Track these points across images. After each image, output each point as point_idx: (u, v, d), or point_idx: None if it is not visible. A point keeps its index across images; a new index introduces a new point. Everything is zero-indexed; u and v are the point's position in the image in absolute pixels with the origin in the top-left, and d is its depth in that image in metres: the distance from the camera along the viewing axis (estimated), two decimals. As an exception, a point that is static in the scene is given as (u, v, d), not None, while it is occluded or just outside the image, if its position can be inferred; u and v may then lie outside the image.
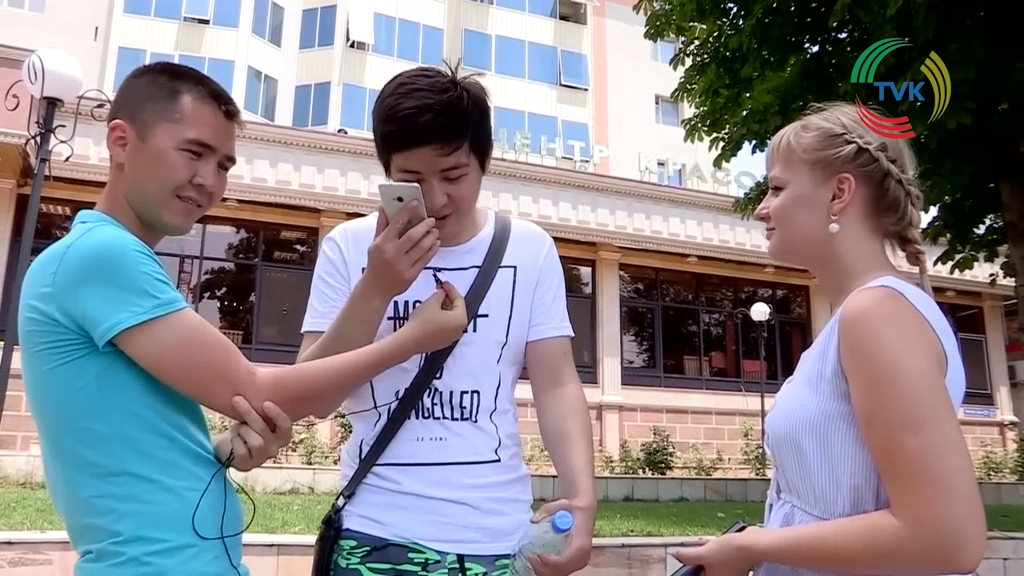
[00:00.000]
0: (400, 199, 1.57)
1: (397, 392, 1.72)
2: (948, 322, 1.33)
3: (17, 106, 9.47)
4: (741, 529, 1.41)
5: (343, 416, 13.49)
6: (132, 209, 1.54)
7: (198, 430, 1.50)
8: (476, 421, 1.73)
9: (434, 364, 1.72)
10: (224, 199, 17.43)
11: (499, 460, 1.74)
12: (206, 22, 27.60)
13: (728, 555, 1.37)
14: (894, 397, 1.23)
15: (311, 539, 1.76)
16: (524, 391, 1.82)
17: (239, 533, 1.51)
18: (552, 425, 1.82)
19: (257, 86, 28.37)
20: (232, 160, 1.62)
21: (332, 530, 1.70)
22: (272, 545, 5.70)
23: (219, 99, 1.58)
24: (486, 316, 1.77)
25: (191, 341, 1.41)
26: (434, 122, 1.60)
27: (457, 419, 1.72)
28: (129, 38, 26.61)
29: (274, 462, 12.49)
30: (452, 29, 30.71)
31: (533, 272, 1.84)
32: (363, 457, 1.73)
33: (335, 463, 13.19)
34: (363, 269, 1.70)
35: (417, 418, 1.71)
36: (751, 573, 1.41)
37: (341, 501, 1.73)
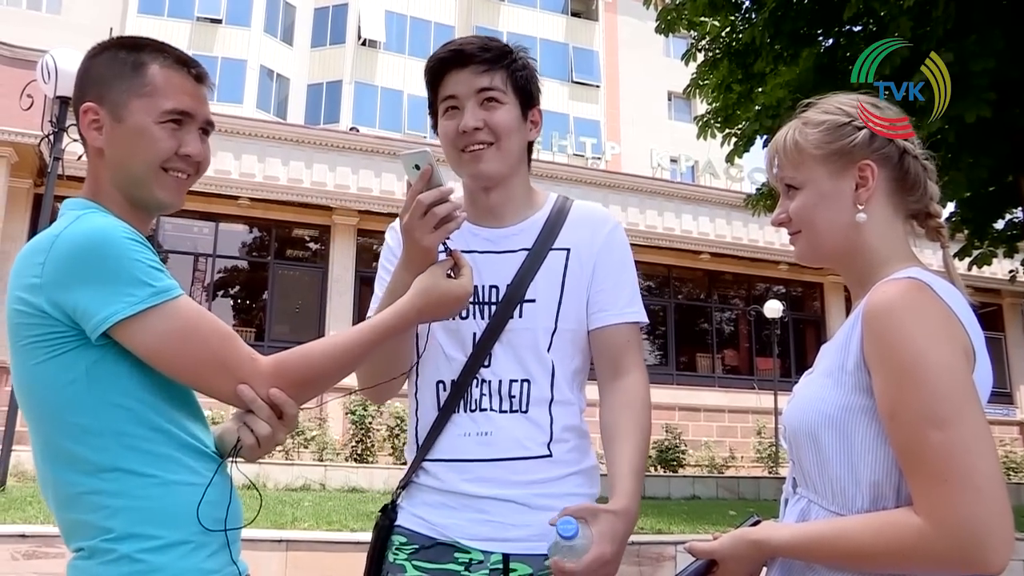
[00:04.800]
0: (418, 167, 1.56)
1: (442, 381, 1.70)
2: (976, 316, 1.30)
3: (31, 106, 9.53)
4: (755, 524, 1.38)
5: (353, 412, 13.54)
6: (120, 192, 1.48)
7: (194, 423, 1.45)
8: (527, 412, 1.67)
9: (482, 351, 1.68)
10: (236, 197, 17.47)
11: (551, 455, 1.66)
12: (218, 22, 27.67)
13: (742, 550, 1.34)
14: (919, 392, 1.19)
15: (320, 535, 1.76)
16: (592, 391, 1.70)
17: (241, 527, 1.49)
18: (606, 419, 1.71)
19: (269, 85, 28.42)
20: (211, 125, 1.55)
21: (387, 520, 1.71)
22: (281, 541, 5.70)
23: (186, 64, 1.51)
24: (532, 301, 1.70)
25: (189, 329, 1.36)
26: (472, 42, 1.71)
27: (506, 411, 1.67)
28: (142, 38, 26.71)
29: (285, 458, 12.53)
30: (463, 26, 30.68)
31: (589, 256, 1.75)
32: (419, 448, 1.72)
33: (346, 460, 13.22)
34: None
35: (465, 411, 1.67)
36: (764, 569, 1.39)
37: (399, 492, 1.74)
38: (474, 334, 1.69)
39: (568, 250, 1.75)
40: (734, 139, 10.52)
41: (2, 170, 13.81)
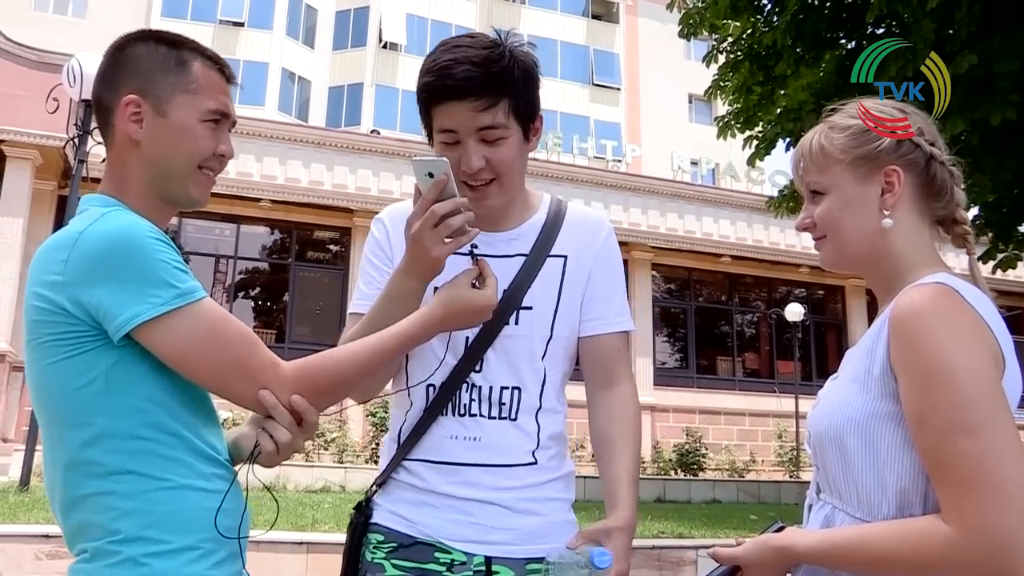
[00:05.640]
0: (431, 175, 1.51)
1: (432, 383, 1.66)
2: (1005, 322, 1.28)
3: (57, 109, 9.64)
4: (779, 530, 1.37)
5: (374, 414, 13.59)
6: (151, 187, 1.46)
7: (208, 429, 1.43)
8: (516, 419, 1.66)
9: (473, 356, 1.65)
10: (258, 199, 17.59)
11: (535, 463, 1.66)
12: (241, 24, 27.90)
13: (766, 556, 1.33)
14: (947, 398, 1.18)
15: (341, 537, 1.74)
16: (576, 392, 1.73)
17: (247, 536, 1.46)
18: (600, 429, 1.72)
19: (291, 87, 28.62)
20: (235, 123, 1.57)
21: (362, 517, 1.67)
22: (302, 543, 5.73)
23: (221, 64, 1.53)
24: (530, 308, 1.68)
25: (212, 332, 1.34)
26: (470, 73, 1.53)
27: (495, 417, 1.65)
28: (166, 41, 26.97)
29: (306, 460, 12.59)
30: (484, 29, 30.45)
31: (586, 262, 1.74)
32: (399, 447, 1.68)
33: (366, 462, 13.26)
34: None
35: (453, 415, 1.65)
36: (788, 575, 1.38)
37: (374, 489, 1.70)
38: (467, 338, 1.66)
39: (565, 257, 1.73)
40: (755, 142, 10.46)
41: (27, 172, 13.99)
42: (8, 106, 13.29)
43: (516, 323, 1.67)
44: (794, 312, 18.48)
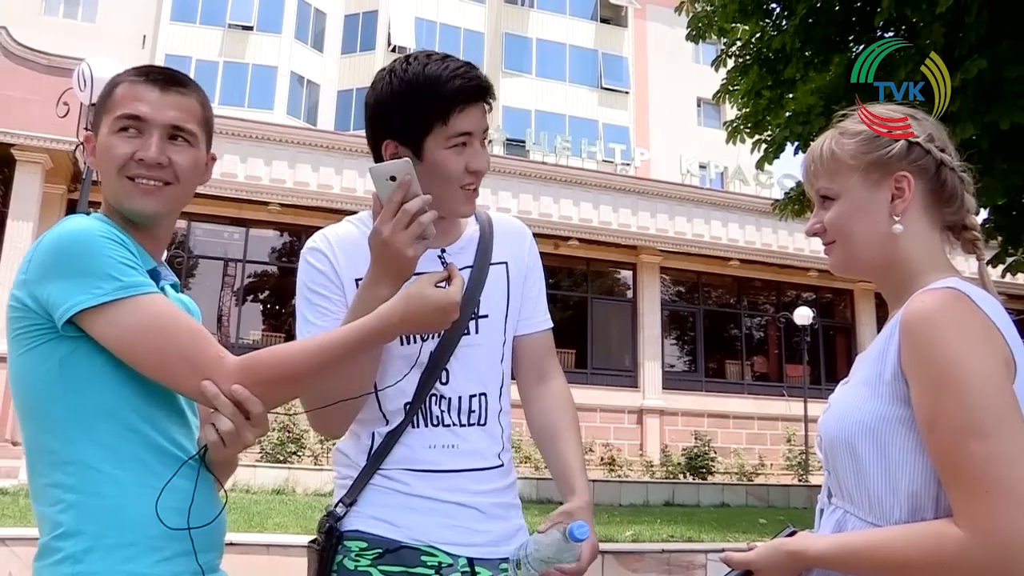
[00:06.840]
0: (393, 178, 1.51)
1: (402, 395, 1.66)
2: (1016, 326, 1.28)
3: (67, 113, 9.72)
4: (791, 534, 1.37)
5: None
6: (114, 207, 1.54)
7: (174, 426, 1.45)
8: (486, 424, 1.71)
9: (436, 367, 1.67)
10: (266, 203, 17.51)
11: (502, 465, 1.73)
12: (250, 28, 28.00)
13: (778, 561, 1.34)
14: (958, 402, 1.18)
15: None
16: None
17: (203, 526, 1.43)
18: (542, 421, 1.81)
19: (300, 91, 28.70)
20: (182, 130, 1.53)
21: (333, 539, 1.63)
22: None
23: (148, 75, 1.54)
24: (486, 316, 1.73)
25: (154, 325, 1.38)
26: (485, 79, 1.66)
27: (467, 424, 1.69)
28: (176, 45, 27.10)
29: (315, 463, 12.61)
30: (493, 33, 30.78)
31: (521, 267, 1.83)
32: (369, 461, 1.67)
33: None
34: (357, 280, 1.64)
35: (427, 425, 1.67)
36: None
37: (341, 509, 1.65)
38: (430, 353, 1.67)
39: (506, 263, 1.80)
40: (764, 145, 10.44)
41: (37, 176, 14.05)
42: (18, 110, 13.36)
43: (476, 332, 1.72)
44: (803, 316, 18.44)
